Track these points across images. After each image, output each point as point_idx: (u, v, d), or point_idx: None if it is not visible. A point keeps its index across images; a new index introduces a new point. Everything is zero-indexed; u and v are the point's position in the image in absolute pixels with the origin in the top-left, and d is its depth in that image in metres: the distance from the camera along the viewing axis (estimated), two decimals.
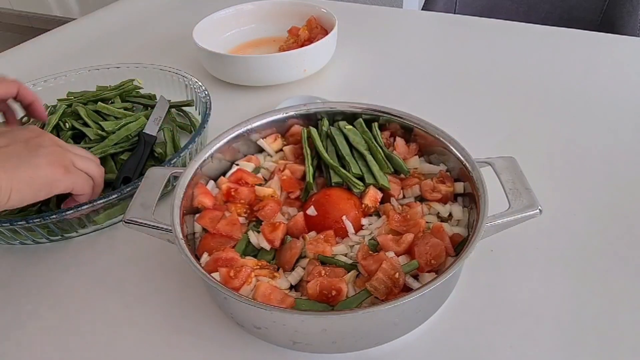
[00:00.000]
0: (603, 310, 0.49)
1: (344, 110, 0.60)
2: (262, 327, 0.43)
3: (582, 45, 0.95)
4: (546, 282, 0.52)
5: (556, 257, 0.55)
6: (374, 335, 0.44)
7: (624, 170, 0.65)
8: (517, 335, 0.47)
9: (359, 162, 0.55)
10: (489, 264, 0.54)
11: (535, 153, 0.68)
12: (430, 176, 0.56)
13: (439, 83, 0.87)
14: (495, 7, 1.35)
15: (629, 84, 0.82)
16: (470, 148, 0.52)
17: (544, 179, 0.60)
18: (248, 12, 1.01)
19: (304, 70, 0.85)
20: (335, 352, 0.46)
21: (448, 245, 0.47)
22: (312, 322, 0.41)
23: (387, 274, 0.43)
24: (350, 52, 0.96)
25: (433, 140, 0.55)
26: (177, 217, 0.47)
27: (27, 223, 0.53)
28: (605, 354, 0.46)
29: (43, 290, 0.55)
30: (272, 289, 0.44)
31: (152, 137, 0.69)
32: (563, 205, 0.60)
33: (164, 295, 0.53)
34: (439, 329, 0.48)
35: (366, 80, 0.89)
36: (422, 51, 0.99)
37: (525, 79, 0.85)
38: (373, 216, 0.53)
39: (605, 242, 0.56)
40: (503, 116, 0.76)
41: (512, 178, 0.49)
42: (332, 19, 0.91)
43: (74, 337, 0.50)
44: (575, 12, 1.28)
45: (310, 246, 0.48)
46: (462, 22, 1.08)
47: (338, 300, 0.44)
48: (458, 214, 0.52)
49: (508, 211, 0.46)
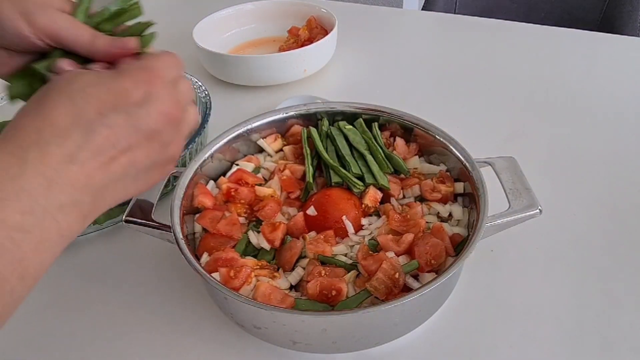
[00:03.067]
0: (603, 310, 0.49)
1: (344, 110, 0.60)
2: (262, 327, 0.43)
3: (582, 45, 0.95)
4: (546, 282, 0.52)
5: (556, 257, 0.55)
6: (374, 335, 0.44)
7: (624, 170, 0.65)
8: (517, 335, 0.47)
9: (359, 162, 0.55)
10: (489, 264, 0.54)
11: (535, 153, 0.68)
12: (430, 176, 0.56)
13: (439, 83, 0.87)
14: (495, 7, 1.35)
15: (629, 84, 0.82)
16: (470, 148, 0.52)
17: (544, 179, 0.60)
18: (248, 12, 1.01)
19: (304, 70, 0.85)
20: (335, 352, 0.46)
21: (448, 245, 0.47)
22: (312, 322, 0.41)
23: (387, 274, 0.43)
24: (350, 52, 0.96)
25: (433, 140, 0.55)
26: (177, 217, 0.47)
27: None
28: (605, 354, 0.46)
29: (43, 290, 0.55)
30: (272, 289, 0.44)
31: None
32: (563, 205, 0.60)
33: (164, 295, 0.53)
34: (439, 329, 0.48)
35: (366, 80, 0.89)
36: (422, 51, 0.98)
37: (525, 79, 0.85)
38: (373, 216, 0.53)
39: (605, 242, 0.56)
40: (503, 116, 0.76)
41: (512, 178, 0.49)
42: (332, 19, 0.91)
43: (73, 337, 0.50)
44: (575, 12, 1.28)
45: (310, 246, 0.48)
46: (462, 22, 1.08)
47: (338, 300, 0.44)
48: (458, 214, 0.52)
49: (508, 211, 0.46)
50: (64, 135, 0.30)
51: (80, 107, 0.31)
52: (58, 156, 0.29)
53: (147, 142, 0.33)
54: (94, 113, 0.31)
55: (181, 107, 0.35)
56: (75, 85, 0.32)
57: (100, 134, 0.31)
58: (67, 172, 0.30)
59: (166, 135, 0.34)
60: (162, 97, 0.33)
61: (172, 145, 0.35)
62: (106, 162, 0.31)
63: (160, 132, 0.33)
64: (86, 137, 0.30)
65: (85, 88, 0.32)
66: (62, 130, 0.30)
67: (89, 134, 0.30)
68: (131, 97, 0.32)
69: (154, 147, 0.33)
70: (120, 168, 0.32)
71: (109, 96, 0.32)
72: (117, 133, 0.31)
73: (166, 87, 0.34)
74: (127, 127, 0.32)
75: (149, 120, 0.33)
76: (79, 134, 0.30)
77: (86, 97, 0.31)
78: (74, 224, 0.31)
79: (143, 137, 0.32)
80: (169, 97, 0.34)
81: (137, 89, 0.33)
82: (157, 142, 0.34)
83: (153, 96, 0.33)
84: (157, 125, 0.33)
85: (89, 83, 0.32)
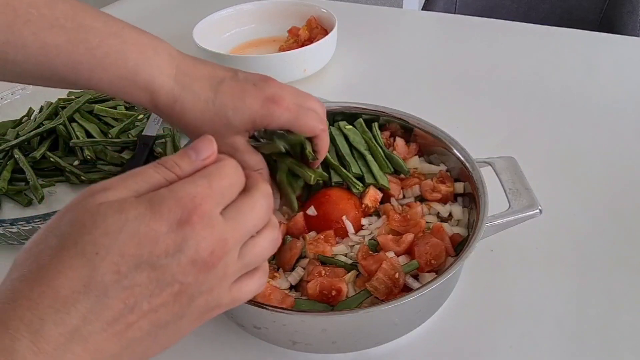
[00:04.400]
0: (603, 310, 0.49)
1: (344, 110, 0.60)
2: (262, 327, 0.43)
3: (582, 45, 0.95)
4: (546, 282, 0.52)
5: (556, 257, 0.54)
6: (374, 335, 0.44)
7: (624, 170, 0.65)
8: (517, 335, 0.47)
9: (359, 162, 0.55)
10: (489, 264, 0.54)
11: (535, 153, 0.68)
12: (430, 176, 0.55)
13: (439, 83, 0.87)
14: (495, 7, 1.35)
15: (629, 84, 0.82)
16: (470, 148, 0.52)
17: (544, 179, 0.60)
18: (248, 12, 1.01)
19: (304, 70, 0.85)
20: (335, 352, 0.46)
21: (448, 245, 0.47)
22: (312, 322, 0.41)
23: (387, 274, 0.43)
24: (350, 52, 0.96)
25: (433, 140, 0.55)
26: None
27: (28, 223, 0.53)
28: (606, 354, 0.46)
29: None
30: (272, 289, 0.44)
31: (151, 138, 0.69)
32: (563, 205, 0.60)
33: None
34: (439, 329, 0.48)
35: (366, 80, 0.89)
36: (422, 51, 0.98)
37: (525, 79, 0.85)
38: (373, 216, 0.53)
39: (605, 242, 0.56)
40: (503, 116, 0.76)
41: (512, 178, 0.49)
42: (332, 19, 0.91)
43: None
44: (575, 12, 1.28)
45: (310, 246, 0.48)
46: (462, 22, 1.08)
47: (338, 300, 0.44)
48: (458, 214, 0.52)
49: (508, 211, 0.46)
50: (66, 308, 0.25)
51: (93, 265, 0.25)
52: (56, 337, 0.24)
53: (174, 298, 0.27)
54: (110, 273, 0.25)
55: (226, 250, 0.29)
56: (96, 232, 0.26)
57: (113, 300, 0.25)
58: (68, 352, 0.24)
59: (197, 285, 0.28)
60: (198, 240, 0.27)
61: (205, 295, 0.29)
62: (122, 330, 0.26)
63: (189, 285, 0.28)
64: (97, 305, 0.25)
65: (104, 232, 0.26)
66: (66, 301, 0.25)
67: (100, 301, 0.25)
68: (161, 245, 0.27)
69: (180, 302, 0.28)
70: (139, 332, 0.27)
71: (133, 247, 0.26)
72: (136, 294, 0.26)
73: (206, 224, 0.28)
74: (149, 284, 0.26)
75: (177, 272, 0.27)
76: (86, 306, 0.25)
77: (103, 248, 0.26)
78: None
79: (168, 294, 0.27)
80: (207, 238, 0.28)
81: (169, 232, 0.27)
82: (186, 295, 0.28)
83: (187, 242, 0.27)
84: (186, 278, 0.27)
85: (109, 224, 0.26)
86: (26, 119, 0.75)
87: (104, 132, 0.71)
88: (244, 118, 0.44)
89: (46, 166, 0.68)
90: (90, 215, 0.26)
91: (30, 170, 0.65)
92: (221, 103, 0.44)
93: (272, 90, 0.45)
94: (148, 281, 0.26)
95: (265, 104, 0.44)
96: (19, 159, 0.66)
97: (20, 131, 0.71)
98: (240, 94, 0.44)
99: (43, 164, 0.68)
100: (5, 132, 0.72)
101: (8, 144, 0.68)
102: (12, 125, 0.74)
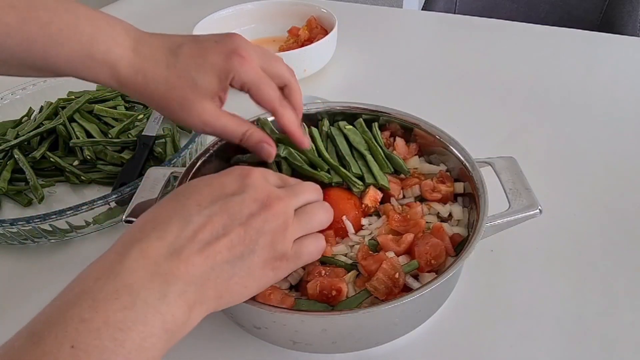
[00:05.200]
0: (603, 310, 0.49)
1: (344, 110, 0.60)
2: (262, 327, 0.43)
3: (582, 45, 0.95)
4: (546, 282, 0.52)
5: (556, 257, 0.55)
6: (374, 335, 0.44)
7: (624, 170, 0.65)
8: (517, 335, 0.47)
9: (359, 162, 0.55)
10: (489, 264, 0.54)
11: (535, 153, 0.68)
12: (430, 176, 0.55)
13: (439, 83, 0.87)
14: (495, 7, 1.35)
15: (629, 84, 0.82)
16: (470, 148, 0.52)
17: (544, 179, 0.60)
18: (248, 12, 1.01)
19: (304, 70, 0.85)
20: (335, 352, 0.46)
21: (448, 245, 0.47)
22: (312, 322, 0.41)
23: (387, 274, 0.43)
24: (350, 52, 0.96)
25: (433, 140, 0.55)
26: None
27: (28, 223, 0.53)
28: (605, 354, 0.46)
29: (43, 290, 0.55)
30: (272, 289, 0.44)
31: (151, 137, 0.69)
32: (563, 205, 0.60)
33: None
34: (439, 329, 0.48)
35: (366, 80, 0.89)
36: (422, 51, 0.98)
37: (525, 79, 0.85)
38: (373, 216, 0.53)
39: (605, 242, 0.56)
40: (503, 116, 0.76)
41: (512, 178, 0.49)
42: (332, 19, 0.91)
43: None
44: (575, 12, 1.28)
45: None
46: (462, 22, 1.08)
47: (338, 300, 0.44)
48: (458, 214, 0.52)
49: (508, 211, 0.46)
50: (163, 228, 0.32)
51: (182, 203, 0.35)
52: (157, 248, 0.31)
53: (243, 228, 0.34)
54: (193, 206, 0.34)
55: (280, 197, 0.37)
56: (183, 188, 0.37)
57: (197, 223, 0.33)
58: (167, 262, 0.31)
59: (260, 221, 0.35)
60: (257, 187, 0.37)
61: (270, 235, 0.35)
62: (203, 248, 0.32)
63: (254, 217, 0.35)
64: (184, 227, 0.33)
65: (189, 187, 0.37)
66: (162, 224, 0.33)
67: (187, 224, 0.33)
68: (228, 188, 0.36)
69: (249, 234, 0.34)
70: (219, 255, 0.33)
71: (208, 190, 0.36)
72: (214, 221, 0.34)
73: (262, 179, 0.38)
74: (222, 214, 0.34)
75: (243, 206, 0.35)
76: (177, 225, 0.33)
77: (188, 194, 0.35)
78: (179, 315, 0.31)
79: (238, 223, 0.34)
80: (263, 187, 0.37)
81: (234, 182, 0.37)
82: (253, 229, 0.35)
83: (248, 187, 0.36)
84: (251, 209, 0.35)
85: (193, 184, 0.37)
86: (26, 119, 0.75)
87: (104, 132, 0.71)
88: (207, 76, 0.43)
89: (46, 166, 0.68)
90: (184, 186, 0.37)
91: (30, 170, 0.65)
92: (183, 65, 0.43)
93: (236, 43, 0.44)
94: (220, 211, 0.34)
95: (229, 57, 0.43)
96: (19, 159, 0.66)
97: (20, 131, 0.71)
98: (201, 52, 0.44)
99: (43, 164, 0.68)
100: (5, 132, 0.72)
101: (8, 144, 0.68)
102: (12, 125, 0.74)
